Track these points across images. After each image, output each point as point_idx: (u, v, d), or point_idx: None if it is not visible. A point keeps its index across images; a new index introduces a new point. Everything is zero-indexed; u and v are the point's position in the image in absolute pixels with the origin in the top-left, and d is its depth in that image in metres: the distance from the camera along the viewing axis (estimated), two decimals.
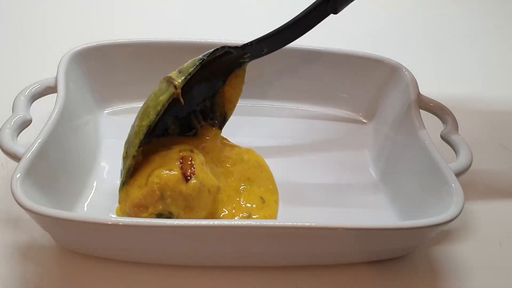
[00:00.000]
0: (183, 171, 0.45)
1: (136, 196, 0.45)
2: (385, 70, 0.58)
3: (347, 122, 0.61)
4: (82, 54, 0.55)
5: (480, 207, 0.53)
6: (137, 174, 0.46)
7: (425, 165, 0.49)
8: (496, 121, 0.65)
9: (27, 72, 0.63)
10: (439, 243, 0.49)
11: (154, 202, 0.44)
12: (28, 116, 0.48)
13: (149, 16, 0.78)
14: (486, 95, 0.69)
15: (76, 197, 0.49)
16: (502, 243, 0.50)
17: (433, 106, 0.54)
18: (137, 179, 0.46)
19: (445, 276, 0.47)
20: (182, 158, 0.46)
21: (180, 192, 0.44)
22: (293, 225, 0.41)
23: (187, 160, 0.46)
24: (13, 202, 0.41)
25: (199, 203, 0.45)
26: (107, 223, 0.40)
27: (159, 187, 0.44)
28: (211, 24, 0.76)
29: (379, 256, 0.47)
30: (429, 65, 0.72)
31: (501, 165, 0.59)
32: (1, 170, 0.52)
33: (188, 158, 0.46)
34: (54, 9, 0.77)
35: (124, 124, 0.58)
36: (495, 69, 0.73)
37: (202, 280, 0.45)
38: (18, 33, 0.71)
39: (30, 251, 0.46)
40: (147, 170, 0.46)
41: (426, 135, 0.50)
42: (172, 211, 0.45)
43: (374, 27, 0.55)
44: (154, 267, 0.46)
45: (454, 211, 0.43)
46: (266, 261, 0.46)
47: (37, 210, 0.40)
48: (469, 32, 0.81)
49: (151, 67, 0.58)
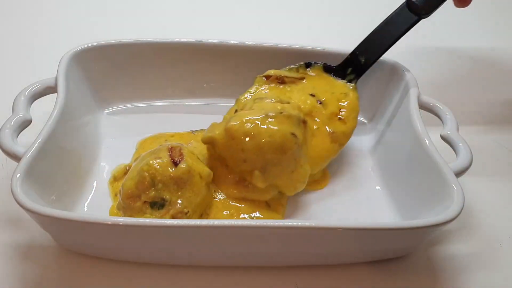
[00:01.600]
0: (172, 158, 0.46)
1: (128, 187, 0.45)
2: (385, 70, 0.58)
3: None
4: (82, 54, 0.55)
5: (480, 207, 0.53)
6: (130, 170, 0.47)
7: (425, 165, 0.49)
8: (496, 121, 0.65)
9: (27, 72, 0.63)
10: (439, 243, 0.49)
11: (145, 189, 0.45)
12: (28, 116, 0.48)
13: (149, 16, 0.78)
14: (486, 95, 0.69)
15: (76, 197, 0.49)
16: (502, 243, 0.50)
17: (433, 106, 0.54)
18: (130, 171, 0.47)
19: (445, 276, 0.47)
20: (171, 148, 0.47)
21: (170, 176, 0.45)
22: (293, 225, 0.41)
23: (176, 149, 0.47)
24: (13, 202, 0.41)
25: (192, 188, 0.46)
26: (107, 223, 0.40)
27: (149, 173, 0.45)
28: (211, 24, 0.76)
29: (379, 256, 0.47)
30: (429, 65, 0.72)
31: (501, 165, 0.59)
32: (1, 170, 0.52)
33: (177, 148, 0.47)
34: (54, 9, 0.76)
35: (124, 124, 0.58)
36: (495, 69, 0.73)
37: (202, 280, 0.45)
38: (18, 33, 0.71)
39: (30, 251, 0.46)
40: (138, 164, 0.47)
41: (426, 135, 0.50)
42: (165, 197, 0.45)
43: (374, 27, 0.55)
44: (154, 267, 0.46)
45: (454, 211, 0.43)
46: (266, 261, 0.46)
47: (37, 210, 0.40)
48: (469, 31, 0.81)
49: (151, 67, 0.58)
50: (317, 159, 0.52)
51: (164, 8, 0.80)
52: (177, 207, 0.45)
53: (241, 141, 0.47)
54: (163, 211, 0.45)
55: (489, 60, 0.75)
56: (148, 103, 0.60)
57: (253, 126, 0.47)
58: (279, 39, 0.59)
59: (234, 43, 0.58)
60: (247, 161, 0.47)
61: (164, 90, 0.60)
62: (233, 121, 0.47)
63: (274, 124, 0.47)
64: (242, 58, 0.58)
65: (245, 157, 0.47)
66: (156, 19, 0.76)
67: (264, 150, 0.47)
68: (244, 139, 0.47)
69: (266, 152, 0.47)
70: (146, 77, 0.59)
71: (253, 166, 0.48)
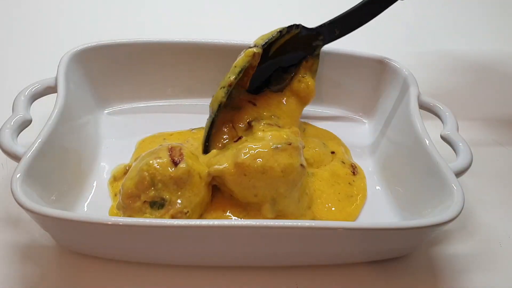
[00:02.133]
0: (172, 158, 0.46)
1: (128, 187, 0.45)
2: (385, 70, 0.58)
3: (346, 122, 0.61)
4: (82, 54, 0.55)
5: (480, 207, 0.53)
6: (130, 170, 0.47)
7: (425, 165, 0.49)
8: (496, 121, 0.65)
9: (27, 72, 0.63)
10: (439, 243, 0.49)
11: (145, 189, 0.45)
12: (28, 116, 0.48)
13: (149, 16, 0.78)
14: (486, 95, 0.69)
15: (76, 197, 0.49)
16: (502, 243, 0.50)
17: (433, 106, 0.54)
18: (130, 171, 0.47)
19: (445, 276, 0.47)
20: (171, 148, 0.47)
21: (170, 176, 0.45)
22: (293, 225, 0.41)
23: (176, 149, 0.47)
24: (13, 202, 0.41)
25: (192, 188, 0.45)
26: (107, 223, 0.40)
27: (149, 173, 0.45)
28: (211, 24, 0.76)
29: (379, 256, 0.47)
30: (429, 65, 0.72)
31: (501, 165, 0.59)
32: (1, 170, 0.52)
33: (177, 148, 0.47)
34: (54, 9, 0.77)
35: (124, 124, 0.58)
36: (495, 69, 0.73)
37: (202, 280, 0.45)
38: (18, 33, 0.71)
39: (30, 251, 0.46)
40: (138, 164, 0.46)
41: (426, 135, 0.50)
42: (165, 197, 0.45)
43: (374, 27, 0.55)
44: (154, 267, 0.46)
45: (454, 211, 0.43)
46: (266, 261, 0.46)
47: (37, 210, 0.40)
48: (469, 31, 0.81)
49: (151, 67, 0.58)
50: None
51: (164, 8, 0.80)
52: (176, 207, 0.45)
53: (253, 177, 0.46)
54: (163, 211, 0.45)
55: (489, 60, 0.75)
56: (148, 103, 0.60)
57: (264, 161, 0.46)
58: None
59: (234, 43, 0.58)
60: (258, 195, 0.47)
61: (164, 90, 0.60)
62: (243, 155, 0.46)
63: (285, 157, 0.47)
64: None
65: (256, 193, 0.47)
66: (156, 19, 0.76)
67: (277, 185, 0.46)
68: (256, 175, 0.46)
69: (279, 186, 0.47)
70: (146, 77, 0.59)
71: (263, 199, 0.47)
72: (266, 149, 0.46)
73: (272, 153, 0.46)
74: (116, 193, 0.50)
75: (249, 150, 0.46)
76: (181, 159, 0.46)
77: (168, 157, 0.46)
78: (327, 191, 0.51)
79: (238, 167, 0.46)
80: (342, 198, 0.51)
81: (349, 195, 0.52)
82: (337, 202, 0.51)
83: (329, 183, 0.52)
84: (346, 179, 0.53)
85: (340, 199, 0.51)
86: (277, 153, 0.46)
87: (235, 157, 0.46)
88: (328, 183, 0.52)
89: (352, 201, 0.51)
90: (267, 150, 0.46)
